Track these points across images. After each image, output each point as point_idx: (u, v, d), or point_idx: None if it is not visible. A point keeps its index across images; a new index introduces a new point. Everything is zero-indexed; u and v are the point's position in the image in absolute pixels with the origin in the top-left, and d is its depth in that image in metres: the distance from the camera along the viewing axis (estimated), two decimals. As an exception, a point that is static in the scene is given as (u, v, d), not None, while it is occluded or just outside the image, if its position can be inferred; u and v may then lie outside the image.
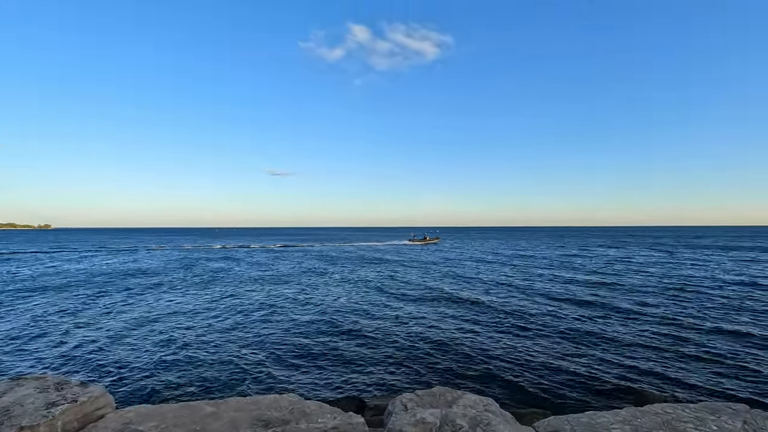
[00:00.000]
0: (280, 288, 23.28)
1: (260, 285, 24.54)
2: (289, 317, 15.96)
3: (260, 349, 12.01)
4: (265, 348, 12.14)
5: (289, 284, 24.83)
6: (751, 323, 14.31)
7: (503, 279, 26.63)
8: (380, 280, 26.41)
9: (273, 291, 22.27)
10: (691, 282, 24.27)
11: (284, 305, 18.30)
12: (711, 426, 3.91)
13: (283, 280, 26.67)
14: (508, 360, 10.87)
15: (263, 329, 14.17)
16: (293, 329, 14.16)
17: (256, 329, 14.15)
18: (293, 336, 13.35)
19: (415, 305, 18.30)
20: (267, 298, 20.13)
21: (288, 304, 18.65)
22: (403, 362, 10.81)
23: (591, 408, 6.36)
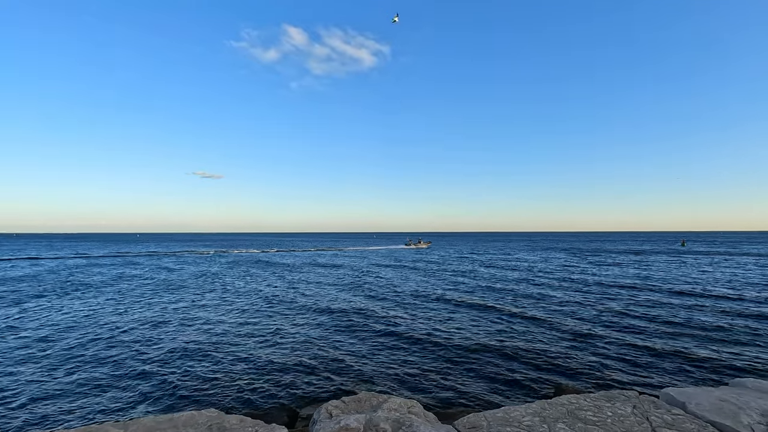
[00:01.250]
0: (196, 295, 21.93)
1: (173, 293, 22.92)
2: (208, 325, 15.06)
3: (175, 362, 11.15)
4: (182, 360, 11.28)
5: (206, 290, 23.50)
6: (642, 318, 16.09)
7: (433, 282, 27.39)
8: (315, 286, 25.98)
9: (191, 298, 20.93)
10: (597, 282, 26.72)
11: (199, 314, 17.23)
12: (607, 412, 4.26)
13: (199, 287, 25.16)
14: (434, 361, 11.14)
15: (179, 340, 13.19)
16: (214, 338, 13.37)
17: (171, 340, 13.15)
18: (215, 345, 12.59)
19: (346, 310, 18.17)
20: (182, 306, 18.83)
21: (206, 312, 17.60)
22: (333, 368, 10.63)
23: (509, 403, 6.68)
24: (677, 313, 17.02)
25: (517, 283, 26.87)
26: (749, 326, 14.75)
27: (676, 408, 4.31)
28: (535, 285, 25.96)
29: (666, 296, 21.30)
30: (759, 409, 3.98)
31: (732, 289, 23.55)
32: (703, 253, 58.92)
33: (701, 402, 4.24)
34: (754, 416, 3.87)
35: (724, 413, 3.94)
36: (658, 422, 3.96)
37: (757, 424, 3.73)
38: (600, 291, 23.32)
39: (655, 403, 4.48)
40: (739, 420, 3.79)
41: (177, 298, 21.44)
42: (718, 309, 17.90)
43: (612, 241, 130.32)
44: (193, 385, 9.72)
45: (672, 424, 3.90)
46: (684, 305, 18.78)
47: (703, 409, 4.10)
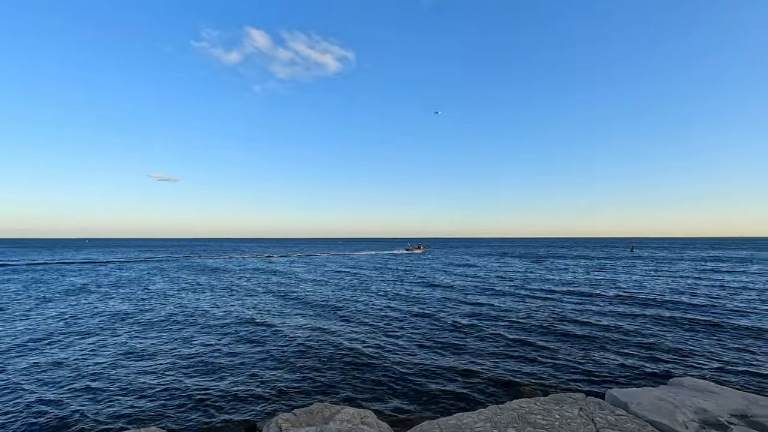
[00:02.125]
0: (130, 303, 20.77)
1: (114, 301, 21.61)
2: (154, 337, 14.24)
3: (112, 379, 10.40)
4: (119, 376, 10.53)
5: (137, 299, 22.33)
6: (588, 321, 16.88)
7: (384, 290, 27.46)
8: (265, 294, 25.27)
9: (125, 307, 19.79)
10: (546, 288, 27.83)
11: (134, 324, 16.31)
12: (555, 415, 4.34)
13: (139, 297, 23.88)
14: (387, 369, 11.06)
15: (115, 355, 12.34)
16: (157, 350, 12.64)
17: (105, 356, 12.29)
18: (155, 358, 11.89)
19: (299, 316, 17.79)
20: (121, 317, 17.75)
21: (137, 323, 16.67)
22: (285, 380, 10.29)
23: (462, 409, 6.70)
24: (621, 316, 17.94)
25: (470, 289, 27.34)
26: (684, 327, 15.79)
27: (620, 408, 4.45)
28: (487, 291, 26.55)
29: (611, 300, 22.43)
30: (693, 407, 4.18)
31: (669, 292, 25.22)
32: (648, 258, 62.89)
33: (642, 402, 4.40)
34: (688, 414, 4.06)
35: (662, 412, 4.11)
36: (602, 423, 4.06)
37: (691, 422, 3.91)
38: (549, 296, 24.20)
39: (600, 404, 4.60)
40: (676, 419, 3.96)
41: (110, 306, 20.16)
42: (658, 312, 19.06)
43: (567, 247, 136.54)
44: (131, 401, 9.08)
45: (615, 424, 4.01)
46: (627, 309, 19.85)
47: (644, 408, 4.26)
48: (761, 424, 3.72)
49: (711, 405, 4.26)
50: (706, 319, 17.42)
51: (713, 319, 17.25)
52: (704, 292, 25.66)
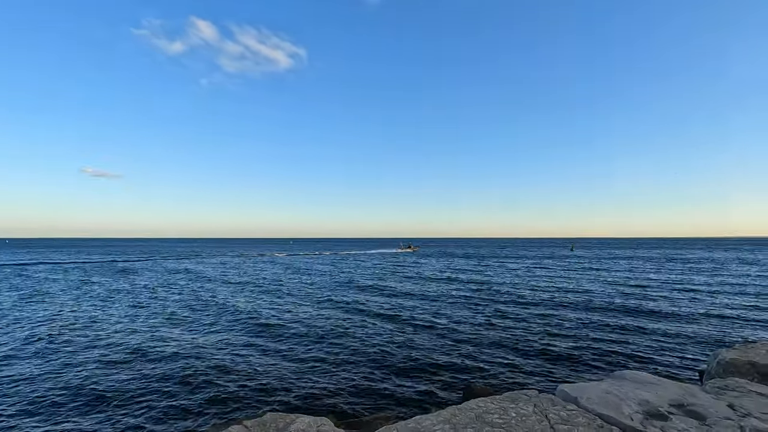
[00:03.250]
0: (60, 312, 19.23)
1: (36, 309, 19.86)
2: (84, 347, 13.19)
3: (25, 393, 9.48)
4: (38, 389, 9.63)
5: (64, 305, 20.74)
6: (534, 318, 17.70)
7: (333, 291, 27.29)
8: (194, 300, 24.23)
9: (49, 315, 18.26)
10: (489, 287, 28.93)
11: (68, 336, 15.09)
12: (511, 413, 4.42)
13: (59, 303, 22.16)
14: (344, 374, 10.92)
15: (31, 368, 11.31)
16: (86, 359, 11.70)
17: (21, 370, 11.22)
18: (85, 368, 11.00)
19: (245, 321, 17.19)
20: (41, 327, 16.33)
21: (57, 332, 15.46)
22: (234, 388, 9.84)
23: (421, 412, 6.70)
24: (560, 314, 18.95)
25: (412, 291, 27.70)
26: (619, 323, 16.94)
27: (570, 403, 4.61)
28: (431, 292, 27.07)
29: (550, 298, 23.65)
30: (636, 399, 4.42)
31: (603, 290, 27.03)
32: (586, 257, 67.12)
33: (591, 396, 4.59)
34: (633, 406, 4.28)
35: (609, 405, 4.31)
36: (556, 419, 4.18)
37: (635, 414, 4.13)
38: (492, 295, 25.13)
39: (553, 400, 4.74)
40: (622, 411, 4.17)
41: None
42: (594, 309, 20.34)
43: (512, 246, 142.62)
44: (60, 412, 8.32)
45: (567, 420, 4.15)
46: (565, 306, 21.02)
47: (592, 402, 4.43)
48: (696, 412, 3.98)
49: (652, 396, 4.52)
50: (637, 314, 18.79)
51: (644, 315, 18.64)
52: (633, 289, 27.73)
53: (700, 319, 17.72)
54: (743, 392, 4.59)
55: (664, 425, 3.88)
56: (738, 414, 3.94)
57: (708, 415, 3.93)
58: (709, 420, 3.85)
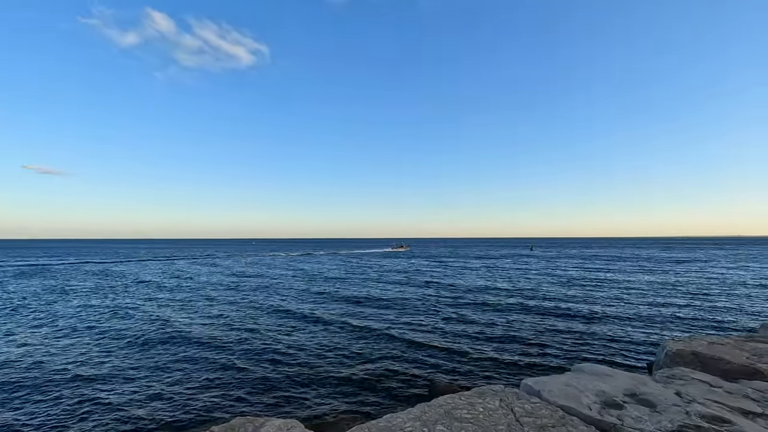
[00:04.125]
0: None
1: None
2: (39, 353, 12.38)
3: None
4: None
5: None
6: (495, 315, 18.32)
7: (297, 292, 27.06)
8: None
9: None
10: (450, 285, 29.67)
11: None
12: (479, 408, 4.56)
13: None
14: (314, 374, 10.84)
15: None
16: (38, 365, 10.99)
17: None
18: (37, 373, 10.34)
19: (206, 323, 16.71)
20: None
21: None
22: (200, 394, 9.54)
23: (392, 410, 6.76)
24: (520, 311, 19.69)
25: (374, 293, 27.90)
26: (575, 318, 17.82)
27: (534, 397, 4.80)
28: (393, 292, 27.38)
29: (509, 297, 24.51)
30: (594, 390, 4.68)
31: (558, 287, 28.31)
32: (544, 257, 69.98)
33: (552, 389, 4.81)
34: (591, 397, 4.53)
35: (569, 397, 4.54)
36: (521, 412, 4.36)
37: (593, 404, 4.37)
38: (454, 294, 25.74)
39: (517, 394, 4.93)
40: (581, 402, 4.40)
41: None
42: (550, 305, 21.27)
43: (472, 246, 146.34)
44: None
45: (531, 412, 4.33)
46: (523, 304, 21.84)
47: (554, 395, 4.65)
48: (648, 401, 4.25)
49: (608, 387, 4.77)
50: (592, 310, 19.81)
51: (598, 311, 19.69)
52: (588, 286, 29.22)
53: (649, 314, 18.91)
54: (688, 380, 4.96)
55: (619, 413, 4.13)
56: (684, 400, 4.25)
57: (658, 403, 4.21)
58: (659, 407, 4.14)
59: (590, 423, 4.05)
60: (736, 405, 4.12)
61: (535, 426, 4.06)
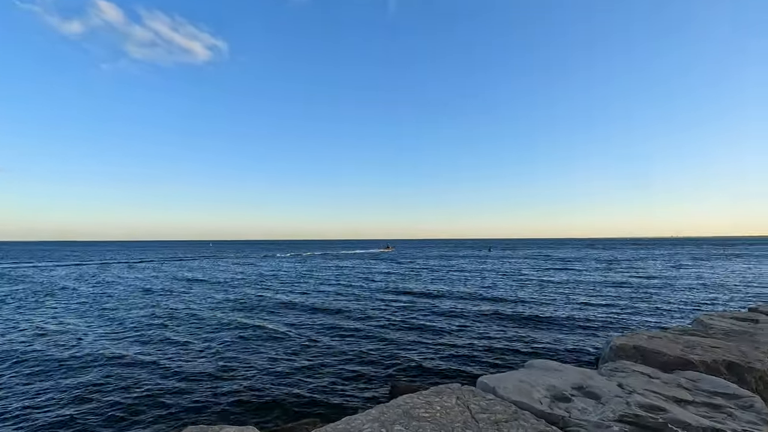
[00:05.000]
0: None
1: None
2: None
3: None
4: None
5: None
6: (451, 315, 18.81)
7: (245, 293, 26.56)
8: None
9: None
10: (405, 288, 30.17)
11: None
12: (436, 407, 4.64)
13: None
14: (268, 377, 10.62)
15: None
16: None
17: None
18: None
19: (165, 331, 16.01)
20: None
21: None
22: (150, 401, 9.08)
23: (352, 412, 6.73)
24: (474, 311, 20.29)
25: (334, 293, 27.88)
26: (526, 317, 18.59)
27: (489, 393, 4.95)
28: (348, 293, 27.46)
29: (463, 297, 25.22)
30: (545, 385, 4.89)
31: (510, 288, 29.45)
32: (500, 258, 72.53)
33: (507, 385, 4.97)
34: (542, 391, 4.73)
35: (522, 393, 4.71)
36: (476, 409, 4.47)
37: (544, 398, 4.57)
38: (411, 294, 26.18)
39: (473, 391, 5.06)
40: (533, 396, 4.59)
41: None
42: (508, 304, 22.09)
43: (430, 247, 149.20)
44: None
45: (486, 408, 4.45)
46: (478, 304, 22.55)
47: (508, 391, 4.81)
48: (593, 393, 4.49)
49: (557, 381, 4.99)
50: (544, 308, 20.74)
51: (549, 309, 20.64)
52: (539, 285, 30.58)
53: (597, 311, 20.03)
54: (629, 373, 5.29)
55: (567, 406, 4.34)
56: (625, 391, 4.53)
57: (602, 395, 4.46)
58: (603, 399, 4.38)
59: (541, 416, 4.23)
60: (670, 394, 4.44)
61: (490, 422, 4.18)
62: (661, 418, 3.73)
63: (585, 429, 3.82)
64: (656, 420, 3.68)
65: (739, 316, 8.42)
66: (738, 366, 5.16)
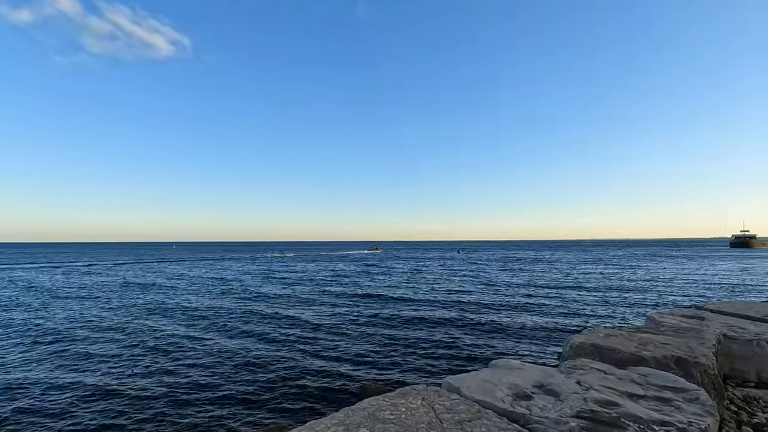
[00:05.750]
0: None
1: None
2: None
3: None
4: None
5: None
6: (417, 317, 19.02)
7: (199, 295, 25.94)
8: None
9: None
10: (373, 289, 30.38)
11: None
12: (401, 408, 4.64)
13: None
14: (230, 382, 10.35)
15: None
16: None
17: None
18: None
19: (93, 337, 15.31)
20: None
21: None
22: (95, 415, 8.62)
23: (318, 416, 6.64)
24: (447, 310, 20.61)
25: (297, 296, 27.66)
26: (494, 316, 19.04)
27: (454, 393, 5.01)
28: (309, 297, 27.33)
29: (428, 298, 25.59)
30: (507, 384, 5.01)
31: (480, 286, 30.16)
32: (468, 259, 73.99)
33: (471, 385, 5.05)
34: (504, 390, 4.84)
35: (485, 392, 4.80)
36: (441, 409, 4.51)
37: (506, 397, 4.67)
38: (380, 296, 26.30)
39: (439, 392, 5.10)
40: (495, 395, 4.68)
41: None
42: (472, 305, 22.54)
43: (407, 249, 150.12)
44: None
45: (451, 408, 4.50)
46: (443, 306, 22.93)
47: (473, 391, 4.89)
48: (553, 390, 4.63)
49: (519, 380, 5.12)
50: (507, 309, 21.31)
51: (513, 309, 21.23)
52: (503, 286, 31.43)
53: (558, 310, 20.77)
54: (587, 370, 5.50)
55: (528, 404, 4.45)
56: (583, 388, 4.70)
57: (561, 392, 4.61)
58: (562, 396, 4.53)
59: (503, 415, 4.32)
60: (624, 389, 4.64)
61: (454, 422, 4.22)
62: (615, 412, 3.89)
63: (544, 426, 3.93)
64: (610, 415, 3.83)
65: (688, 314, 8.93)
66: (685, 361, 5.47)
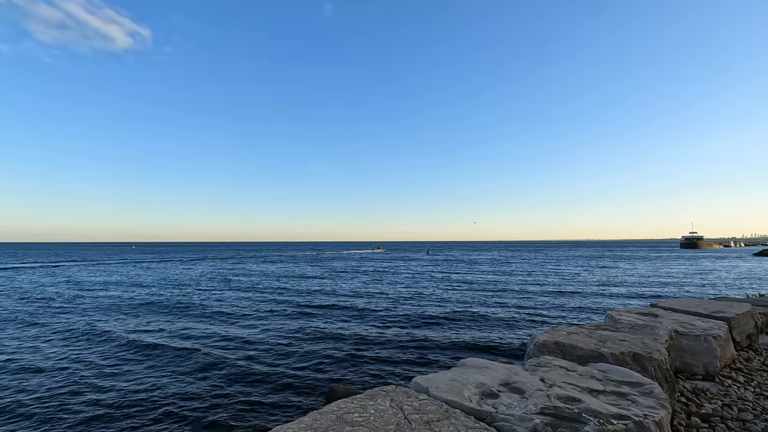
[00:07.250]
0: None
1: None
2: None
3: None
4: None
5: None
6: (385, 317, 19.14)
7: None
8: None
9: None
10: (335, 289, 30.40)
11: None
12: (370, 410, 4.61)
13: None
14: (198, 389, 10.04)
15: None
16: None
17: None
18: None
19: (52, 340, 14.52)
20: None
21: None
22: (68, 415, 8.14)
23: (282, 421, 6.51)
24: (412, 310, 20.82)
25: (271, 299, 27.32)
26: (462, 316, 19.40)
27: (423, 394, 5.03)
28: (278, 298, 27.06)
29: (394, 299, 25.82)
30: (475, 383, 5.08)
31: (448, 286, 30.67)
32: (436, 261, 75.13)
33: (439, 385, 5.09)
34: (471, 389, 4.91)
35: (453, 391, 4.85)
36: (409, 410, 4.52)
37: (473, 395, 4.74)
38: (342, 298, 26.29)
39: (407, 392, 5.11)
40: (463, 394, 4.74)
41: None
42: (439, 304, 22.88)
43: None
44: None
45: (419, 409, 4.52)
46: (409, 306, 23.18)
47: (441, 390, 4.93)
48: (518, 388, 4.74)
49: (486, 378, 5.21)
50: (474, 308, 21.76)
51: (480, 308, 21.69)
52: (470, 286, 32.12)
53: (524, 309, 21.39)
54: (551, 367, 5.66)
55: (494, 402, 4.53)
56: (546, 385, 4.84)
57: (526, 389, 4.73)
58: (526, 393, 4.64)
59: (470, 413, 4.37)
60: (585, 385, 4.81)
61: (422, 422, 4.24)
62: (576, 408, 4.02)
63: (510, 423, 4.01)
64: (572, 410, 3.96)
65: (643, 311, 9.39)
66: (641, 356, 5.73)
